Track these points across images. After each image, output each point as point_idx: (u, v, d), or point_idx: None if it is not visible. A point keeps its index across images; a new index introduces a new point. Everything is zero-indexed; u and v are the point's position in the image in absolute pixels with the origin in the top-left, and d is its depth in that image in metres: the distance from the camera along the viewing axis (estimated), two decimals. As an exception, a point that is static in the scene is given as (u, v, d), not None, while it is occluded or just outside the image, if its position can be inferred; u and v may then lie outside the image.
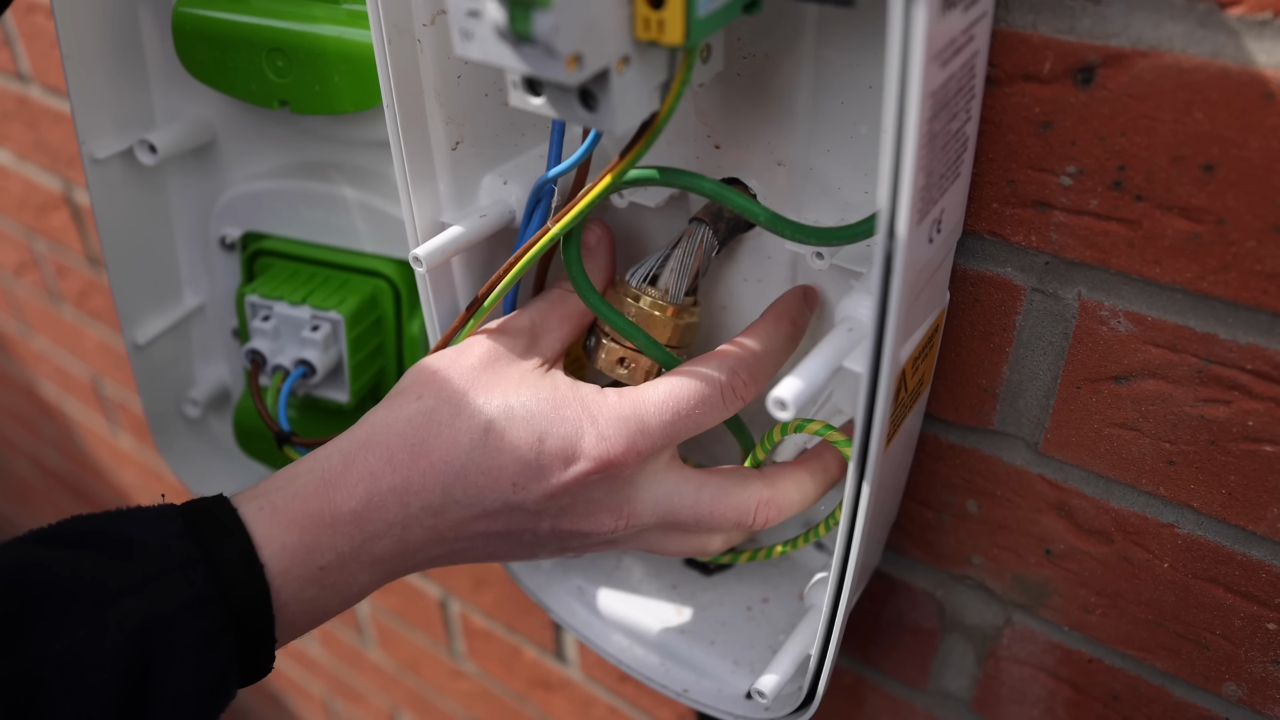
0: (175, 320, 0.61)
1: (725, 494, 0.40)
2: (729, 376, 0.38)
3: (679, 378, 0.38)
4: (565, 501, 0.38)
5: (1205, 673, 0.43)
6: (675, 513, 0.40)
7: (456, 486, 0.37)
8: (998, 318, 0.41)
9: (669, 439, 0.38)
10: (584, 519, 0.39)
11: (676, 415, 0.38)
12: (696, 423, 0.38)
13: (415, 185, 0.41)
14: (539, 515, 0.38)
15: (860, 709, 0.60)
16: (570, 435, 0.37)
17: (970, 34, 0.31)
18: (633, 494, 0.39)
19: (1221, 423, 0.37)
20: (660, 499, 0.40)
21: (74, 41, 0.50)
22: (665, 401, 0.38)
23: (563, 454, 0.37)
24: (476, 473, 0.37)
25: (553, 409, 0.37)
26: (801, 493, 0.41)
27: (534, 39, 0.27)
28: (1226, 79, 0.31)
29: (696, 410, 0.38)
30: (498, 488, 0.37)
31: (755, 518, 0.40)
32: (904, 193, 0.28)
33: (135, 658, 0.32)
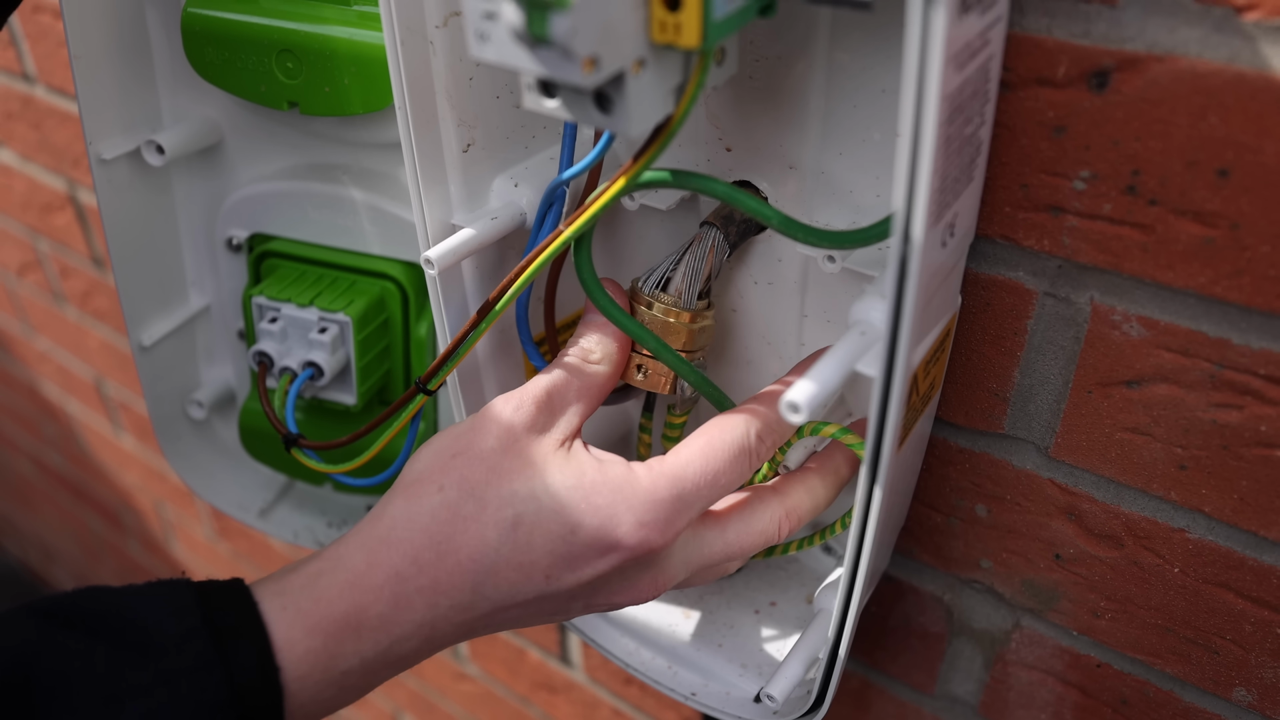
0: (181, 322, 0.60)
1: (748, 525, 0.40)
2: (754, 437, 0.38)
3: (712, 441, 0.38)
4: (600, 586, 0.37)
5: (1215, 678, 0.43)
6: (706, 560, 0.40)
7: (487, 584, 0.36)
8: (1009, 322, 0.41)
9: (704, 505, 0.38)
10: (619, 595, 0.38)
11: (715, 479, 0.37)
12: (730, 483, 0.38)
13: (426, 187, 0.41)
14: (572, 598, 0.38)
15: (867, 713, 0.60)
16: (604, 525, 0.36)
17: (986, 37, 0.31)
18: (668, 565, 0.38)
19: (1234, 428, 0.37)
20: (692, 557, 0.39)
21: (82, 41, 0.50)
22: (705, 470, 0.37)
23: (597, 544, 0.36)
24: (508, 569, 0.36)
25: (582, 496, 0.36)
26: (814, 499, 0.41)
27: (551, 41, 0.27)
28: (1242, 84, 0.31)
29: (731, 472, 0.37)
30: (530, 582, 0.36)
31: (780, 533, 0.41)
32: (920, 196, 0.28)
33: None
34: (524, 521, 0.36)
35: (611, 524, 0.36)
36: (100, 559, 1.59)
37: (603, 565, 0.36)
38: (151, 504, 1.29)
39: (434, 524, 0.36)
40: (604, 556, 0.36)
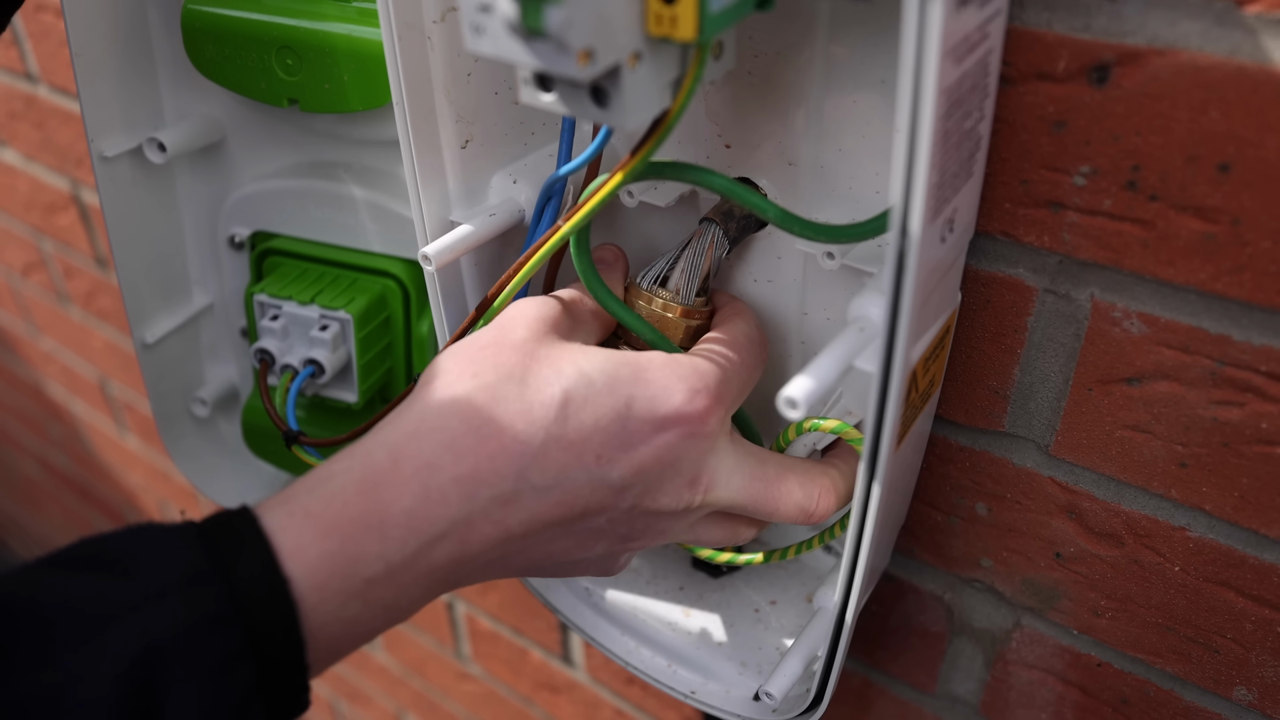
0: (184, 319, 0.61)
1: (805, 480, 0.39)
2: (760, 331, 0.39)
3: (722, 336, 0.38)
4: (653, 474, 0.34)
5: (1216, 677, 0.43)
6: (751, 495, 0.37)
7: (533, 468, 0.33)
8: (1009, 319, 0.40)
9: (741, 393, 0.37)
10: (666, 494, 0.35)
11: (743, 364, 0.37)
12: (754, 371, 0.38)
13: (424, 184, 0.41)
14: (623, 492, 0.34)
15: (868, 712, 0.60)
16: (658, 396, 0.34)
17: (985, 31, 0.31)
18: (715, 463, 0.36)
19: (1235, 425, 0.37)
20: (737, 472, 0.37)
21: (84, 39, 0.50)
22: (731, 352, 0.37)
23: (653, 418, 0.34)
24: (556, 448, 0.33)
25: (634, 372, 0.34)
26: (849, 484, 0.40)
27: (546, 34, 0.27)
28: (1243, 77, 0.31)
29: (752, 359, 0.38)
30: (581, 463, 0.33)
31: (818, 505, 0.39)
32: (917, 190, 0.28)
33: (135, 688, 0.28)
34: (574, 398, 0.33)
35: (666, 394, 0.34)
36: (105, 559, 1.59)
37: (659, 442, 0.34)
38: (156, 504, 1.29)
39: (471, 409, 0.33)
40: (661, 432, 0.34)
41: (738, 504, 0.37)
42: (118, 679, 0.28)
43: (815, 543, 0.44)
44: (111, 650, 0.28)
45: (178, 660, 0.28)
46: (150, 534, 0.31)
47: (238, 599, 0.30)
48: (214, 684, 0.29)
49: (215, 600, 0.29)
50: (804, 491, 0.38)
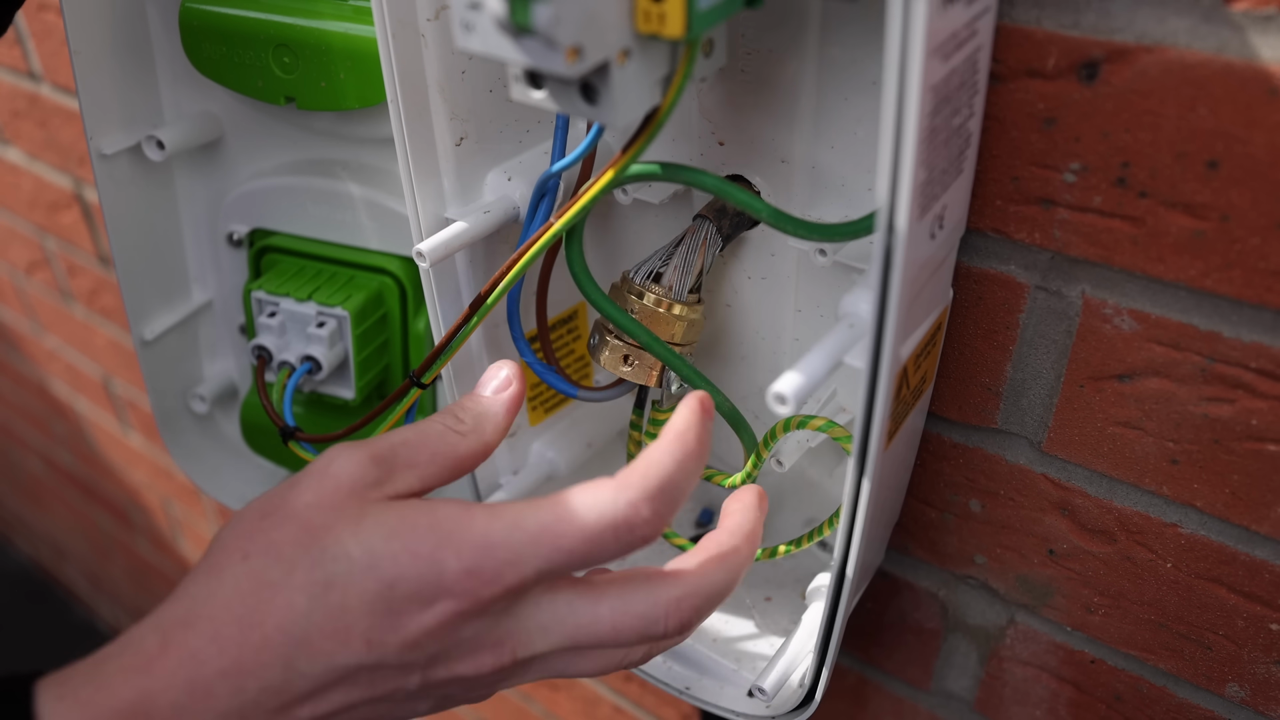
0: (183, 316, 0.61)
1: (628, 603, 0.34)
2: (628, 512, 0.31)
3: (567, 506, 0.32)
4: (432, 649, 0.32)
5: (1208, 673, 0.43)
6: (573, 635, 0.34)
7: (300, 658, 0.31)
8: (1001, 316, 0.41)
9: (544, 575, 0.32)
10: (459, 663, 0.33)
11: (555, 550, 0.31)
12: (581, 562, 0.32)
13: (419, 181, 0.41)
14: (404, 670, 0.32)
15: (863, 709, 0.60)
16: (426, 575, 0.31)
17: (973, 28, 0.31)
18: (513, 626, 0.33)
19: (1225, 422, 0.37)
20: (550, 623, 0.34)
21: (82, 37, 0.50)
22: (544, 533, 0.31)
23: (419, 595, 0.31)
24: (321, 637, 0.31)
25: (402, 547, 0.31)
26: (714, 582, 0.35)
27: (534, 30, 0.27)
28: (1231, 75, 0.31)
29: (581, 549, 0.31)
30: (349, 650, 0.31)
31: (666, 624, 0.34)
32: (903, 187, 0.28)
33: None
34: (336, 583, 0.31)
35: (434, 571, 0.31)
36: (110, 557, 1.60)
37: (428, 619, 0.31)
38: (160, 502, 1.30)
39: (236, 596, 0.31)
40: (428, 609, 0.31)
41: (568, 645, 0.34)
42: None
43: (806, 540, 0.45)
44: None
45: None
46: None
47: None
48: None
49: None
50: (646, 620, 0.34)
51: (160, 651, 0.31)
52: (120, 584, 1.65)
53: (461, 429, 0.36)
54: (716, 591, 0.35)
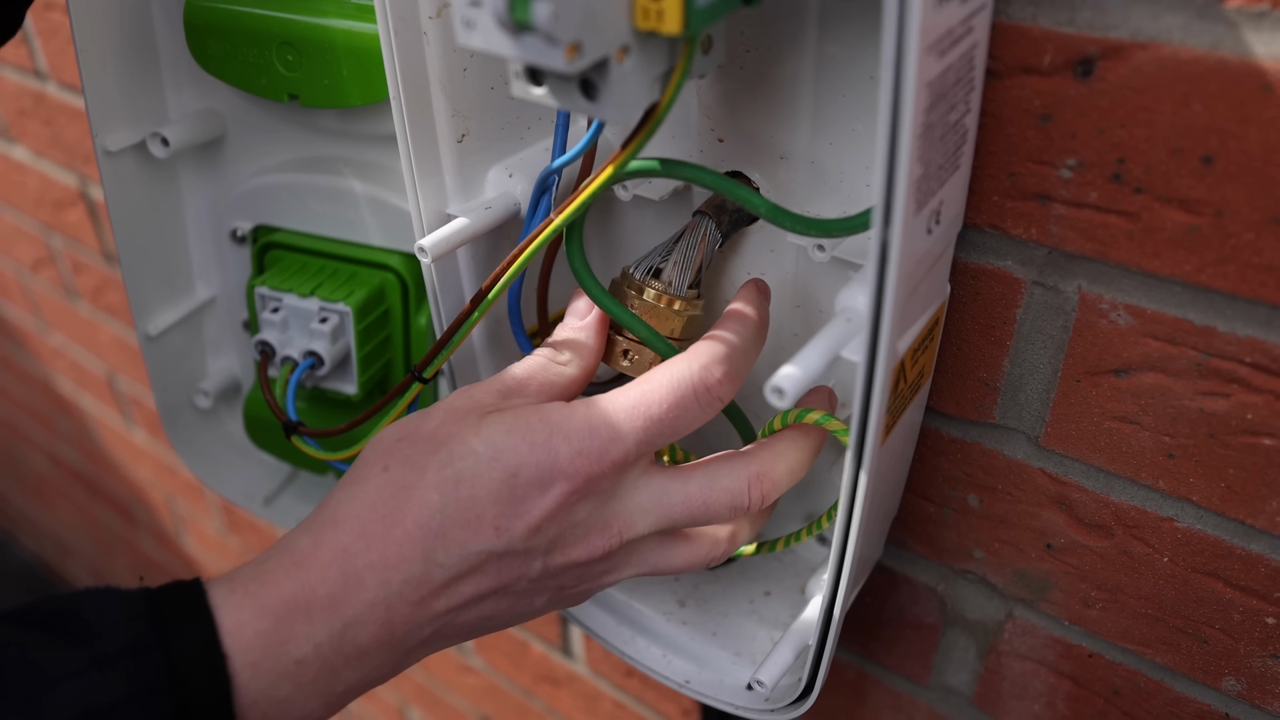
0: (187, 312, 0.61)
1: (713, 480, 0.38)
2: (703, 374, 0.36)
3: (650, 382, 0.36)
4: (552, 532, 0.36)
5: (1205, 667, 0.43)
6: (669, 513, 0.38)
7: (437, 549, 0.35)
8: (998, 311, 0.41)
9: (644, 446, 0.36)
10: (575, 547, 0.37)
11: (649, 420, 0.36)
12: (672, 428, 0.36)
13: (421, 177, 0.41)
14: (528, 556, 0.36)
15: (863, 704, 0.60)
16: (543, 461, 0.35)
17: (969, 25, 0.31)
18: (618, 506, 0.37)
19: (1220, 416, 0.37)
20: (648, 503, 0.37)
21: (88, 36, 0.50)
22: (636, 407, 0.36)
23: (539, 480, 0.35)
24: (455, 528, 0.35)
25: (520, 439, 0.35)
26: (786, 462, 0.39)
27: (534, 27, 0.27)
28: (1225, 71, 0.31)
29: (670, 415, 0.36)
30: (480, 538, 0.35)
31: (750, 495, 0.38)
32: (899, 182, 0.28)
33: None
34: (464, 477, 0.35)
35: (550, 457, 0.35)
36: (114, 554, 1.61)
37: (547, 502, 0.35)
38: (163, 498, 1.31)
39: (378, 498, 0.35)
40: (546, 492, 0.35)
41: (665, 524, 0.38)
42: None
43: (806, 534, 0.45)
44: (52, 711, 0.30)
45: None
46: (104, 600, 0.33)
47: (175, 671, 0.32)
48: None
49: (155, 670, 0.31)
50: (732, 493, 0.38)
51: (313, 549, 0.35)
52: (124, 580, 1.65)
53: (562, 359, 0.40)
54: (790, 466, 0.39)
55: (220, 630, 0.33)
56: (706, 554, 0.41)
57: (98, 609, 0.32)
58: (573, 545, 0.37)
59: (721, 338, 0.38)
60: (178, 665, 0.32)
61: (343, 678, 0.35)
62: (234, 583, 0.34)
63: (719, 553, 0.41)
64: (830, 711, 0.62)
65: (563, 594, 0.39)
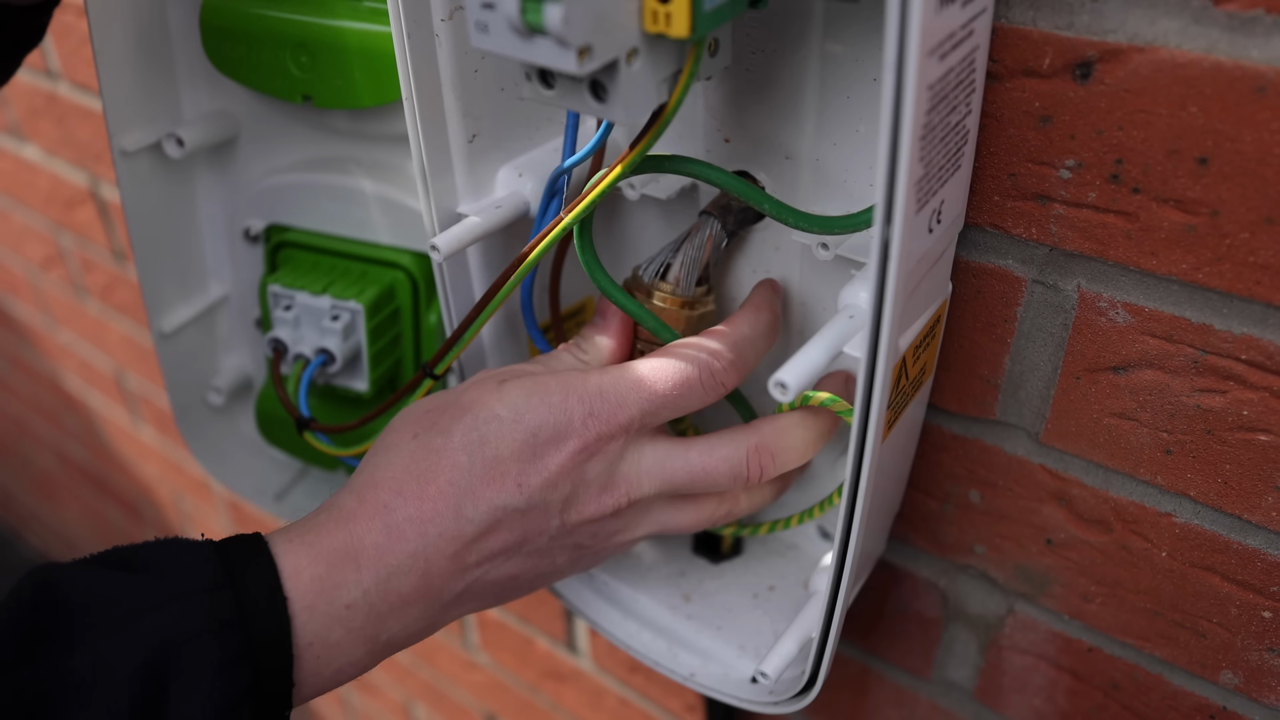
0: (200, 310, 0.62)
1: (713, 448, 0.40)
2: (709, 359, 0.39)
3: (660, 359, 0.40)
4: (566, 488, 0.39)
5: (1203, 661, 0.44)
6: (671, 477, 0.40)
7: (467, 504, 0.38)
8: (999, 309, 0.42)
9: (649, 417, 0.39)
10: (587, 504, 0.40)
11: (654, 394, 0.39)
12: (675, 404, 0.39)
13: (433, 177, 0.42)
14: (546, 511, 0.39)
15: (865, 698, 0.61)
16: (559, 420, 0.38)
17: (970, 29, 0.32)
18: (626, 468, 0.40)
19: (1217, 412, 0.38)
20: (653, 467, 0.40)
21: (106, 38, 0.51)
22: (643, 380, 0.39)
23: (554, 439, 0.38)
24: (482, 484, 0.38)
25: (539, 400, 0.38)
26: (790, 438, 0.41)
27: (546, 31, 0.28)
28: (1220, 74, 0.32)
29: (674, 391, 0.39)
30: (505, 493, 0.38)
31: (749, 465, 0.40)
32: (900, 181, 0.29)
33: (151, 675, 0.33)
34: (489, 439, 0.38)
35: (565, 418, 0.38)
36: (120, 551, 1.61)
37: (562, 457, 0.38)
38: (170, 496, 1.31)
39: (411, 460, 0.39)
40: (561, 449, 0.38)
41: (668, 489, 0.41)
42: (137, 666, 0.33)
43: (810, 515, 0.46)
44: (135, 641, 0.33)
45: (189, 655, 0.33)
46: (176, 546, 0.36)
47: (243, 608, 0.35)
48: (216, 680, 0.34)
49: (226, 607, 0.34)
50: (731, 461, 0.40)
51: (358, 505, 0.38)
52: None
53: (585, 358, 0.43)
54: (794, 442, 0.41)
55: (281, 574, 0.36)
56: (710, 513, 0.43)
57: (171, 553, 0.36)
58: (586, 502, 0.40)
59: (733, 327, 0.41)
60: (245, 603, 0.35)
61: (386, 626, 0.38)
62: (290, 534, 0.38)
63: (723, 512, 0.43)
64: (833, 706, 0.63)
65: (581, 553, 0.42)
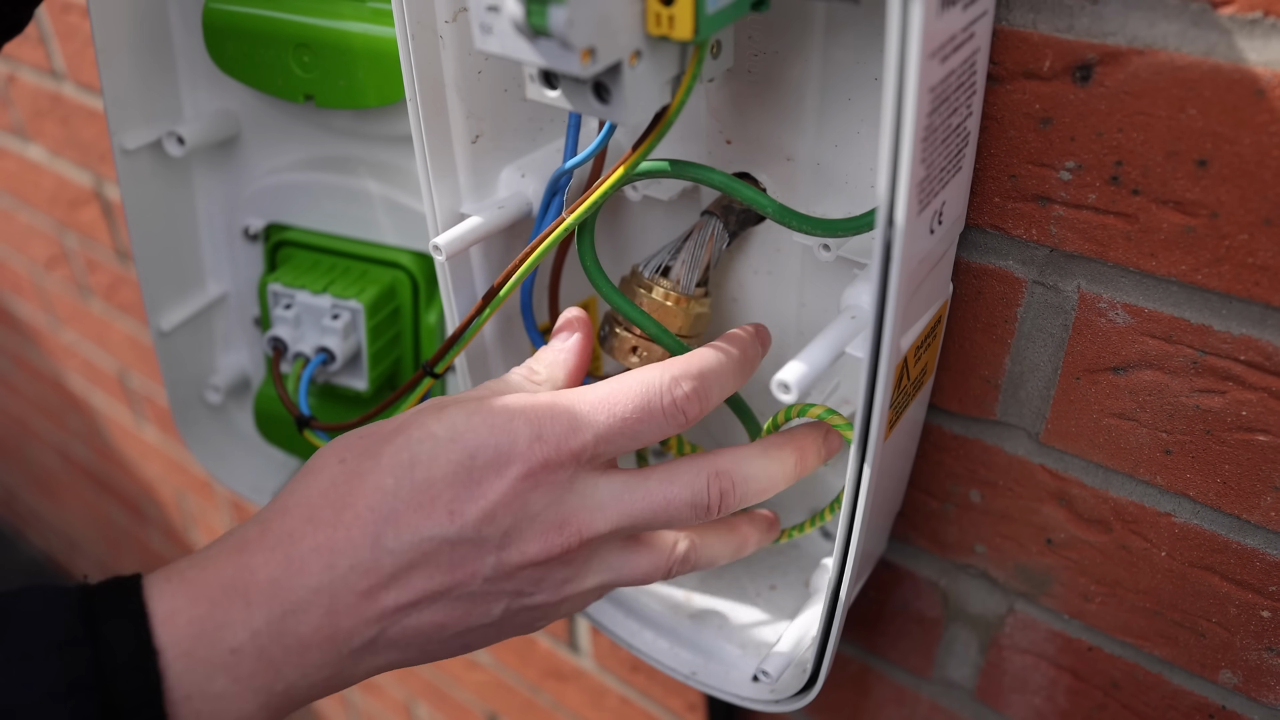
0: (198, 309, 0.62)
1: (672, 475, 0.37)
2: (672, 385, 0.36)
3: (621, 382, 0.36)
4: (506, 522, 0.34)
5: (1202, 660, 0.44)
6: (628, 509, 0.36)
7: (387, 533, 0.33)
8: (1000, 310, 0.42)
9: (603, 444, 0.35)
10: (530, 542, 0.35)
11: (612, 417, 0.35)
12: (633, 431, 0.35)
13: (436, 177, 0.42)
14: (481, 547, 0.34)
15: (866, 698, 0.61)
16: (501, 442, 0.34)
17: (970, 31, 0.32)
18: (576, 502, 0.35)
19: (1216, 413, 0.38)
20: (607, 500, 0.36)
21: (107, 36, 0.51)
22: (601, 402, 0.35)
23: (494, 463, 0.34)
24: (408, 511, 0.33)
25: (480, 421, 0.34)
26: (751, 466, 0.38)
27: (549, 33, 0.28)
28: (1219, 76, 0.32)
29: (634, 416, 0.35)
30: (434, 521, 0.33)
31: (709, 492, 0.37)
32: (902, 183, 0.29)
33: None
34: (421, 460, 0.34)
35: (509, 440, 0.34)
36: (122, 550, 1.62)
37: (502, 485, 0.34)
38: (173, 495, 1.32)
39: (330, 486, 0.34)
40: (502, 475, 0.34)
41: (626, 524, 0.37)
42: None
43: (809, 525, 0.46)
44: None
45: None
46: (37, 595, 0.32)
47: (102, 667, 0.30)
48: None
49: (82, 666, 0.30)
50: (691, 488, 0.37)
51: (259, 535, 0.33)
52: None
53: (537, 379, 0.39)
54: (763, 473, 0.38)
55: (153, 619, 0.31)
56: (667, 558, 0.39)
57: (30, 604, 0.31)
58: (528, 540, 0.35)
59: (701, 357, 0.37)
60: (105, 660, 0.30)
61: (282, 674, 0.33)
62: (172, 571, 0.33)
63: (679, 556, 0.39)
64: (835, 705, 0.63)
65: (520, 605, 0.37)
